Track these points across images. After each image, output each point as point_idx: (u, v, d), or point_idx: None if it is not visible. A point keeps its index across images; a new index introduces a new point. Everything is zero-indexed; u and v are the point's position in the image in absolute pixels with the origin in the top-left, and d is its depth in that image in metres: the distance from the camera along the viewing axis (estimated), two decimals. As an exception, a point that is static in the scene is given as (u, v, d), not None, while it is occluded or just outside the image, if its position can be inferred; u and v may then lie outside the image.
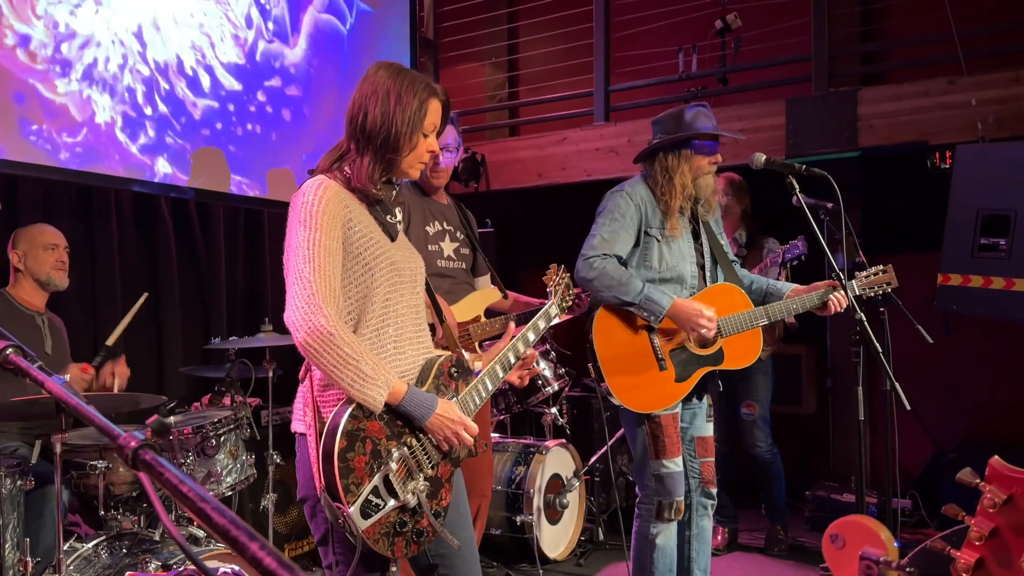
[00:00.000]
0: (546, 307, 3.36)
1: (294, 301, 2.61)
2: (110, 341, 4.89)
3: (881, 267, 4.30)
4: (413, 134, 2.81)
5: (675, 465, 4.12)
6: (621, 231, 4.11)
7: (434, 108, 2.87)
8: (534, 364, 3.20)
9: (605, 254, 4.06)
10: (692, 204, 4.24)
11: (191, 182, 6.03)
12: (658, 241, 4.15)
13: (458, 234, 4.69)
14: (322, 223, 2.66)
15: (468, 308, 4.54)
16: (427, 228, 4.53)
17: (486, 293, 4.74)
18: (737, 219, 6.14)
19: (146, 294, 5.11)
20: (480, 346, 4.48)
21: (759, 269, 5.66)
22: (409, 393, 2.70)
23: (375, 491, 2.63)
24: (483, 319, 4.57)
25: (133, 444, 1.41)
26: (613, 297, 4.03)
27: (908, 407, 3.73)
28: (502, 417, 6.26)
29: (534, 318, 3.26)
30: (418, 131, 2.83)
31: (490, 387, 3.03)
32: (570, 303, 3.50)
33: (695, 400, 4.32)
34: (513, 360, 3.09)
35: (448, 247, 4.61)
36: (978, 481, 1.97)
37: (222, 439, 4.46)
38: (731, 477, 6.16)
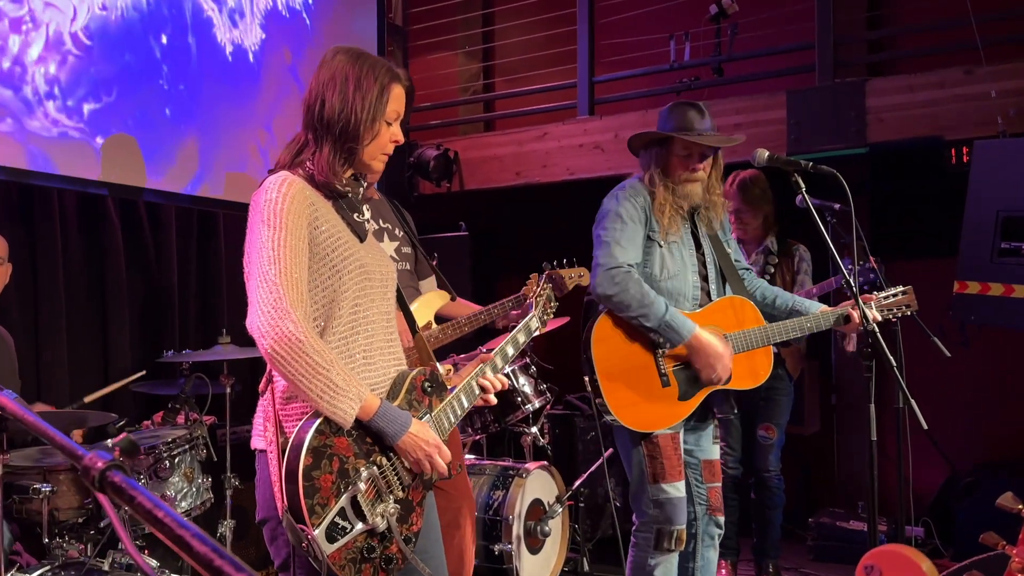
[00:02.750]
0: (526, 320, 3.37)
1: (259, 305, 2.61)
2: (88, 399, 4.86)
3: (901, 288, 4.27)
4: (374, 122, 2.86)
5: (676, 490, 4.07)
6: (635, 235, 4.07)
7: (396, 94, 2.91)
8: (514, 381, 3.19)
9: (629, 265, 4.01)
10: (691, 211, 4.22)
11: (138, 182, 5.96)
12: (660, 246, 4.11)
13: (397, 231, 4.52)
14: (287, 222, 2.67)
15: (416, 316, 4.28)
16: None
17: (432, 297, 4.57)
18: (758, 228, 5.86)
19: (143, 372, 5.17)
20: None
21: (806, 293, 5.41)
22: (382, 408, 2.70)
23: (342, 513, 2.62)
24: (434, 326, 4.44)
25: (100, 465, 1.37)
26: (631, 317, 3.99)
27: (925, 426, 3.71)
28: (478, 437, 6.17)
29: (514, 331, 3.26)
30: (380, 118, 2.87)
31: (466, 404, 3.04)
32: (552, 316, 3.50)
33: (700, 421, 4.28)
34: (490, 375, 3.10)
35: (388, 247, 4.44)
36: (1021, 507, 1.96)
37: (176, 461, 4.44)
38: (741, 505, 6.10)
